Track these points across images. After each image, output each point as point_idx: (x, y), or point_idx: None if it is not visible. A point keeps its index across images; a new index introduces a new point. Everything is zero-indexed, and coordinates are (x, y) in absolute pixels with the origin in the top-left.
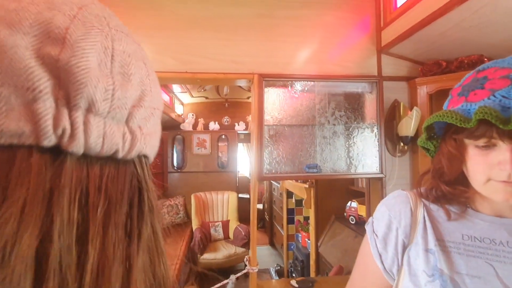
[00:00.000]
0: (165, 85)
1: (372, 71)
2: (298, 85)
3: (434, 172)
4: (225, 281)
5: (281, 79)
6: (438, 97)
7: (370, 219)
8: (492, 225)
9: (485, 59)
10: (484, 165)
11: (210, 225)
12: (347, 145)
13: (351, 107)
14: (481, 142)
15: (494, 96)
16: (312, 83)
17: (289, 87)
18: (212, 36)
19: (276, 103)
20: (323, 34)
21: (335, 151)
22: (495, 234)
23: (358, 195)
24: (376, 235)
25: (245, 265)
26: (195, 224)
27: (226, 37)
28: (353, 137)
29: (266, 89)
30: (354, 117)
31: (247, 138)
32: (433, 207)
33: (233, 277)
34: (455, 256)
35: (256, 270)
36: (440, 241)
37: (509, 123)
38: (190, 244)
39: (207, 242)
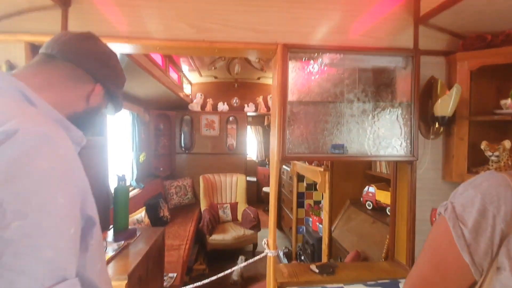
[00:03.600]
0: (174, 63)
1: (407, 44)
2: (325, 58)
3: None
4: (241, 265)
5: (307, 50)
6: (480, 75)
7: (447, 205)
8: None
9: None
10: None
11: (219, 206)
12: (376, 125)
13: (382, 84)
14: None
15: None
16: (341, 56)
17: (314, 60)
18: (231, 1)
19: (299, 78)
20: (353, 1)
21: (362, 131)
22: None
23: (375, 180)
24: (463, 223)
25: (255, 247)
26: (203, 205)
27: (246, 3)
28: (383, 116)
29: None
30: (385, 95)
31: (255, 121)
32: None
33: (242, 258)
34: None
35: (276, 254)
36: None
37: None
38: (198, 225)
39: (216, 223)
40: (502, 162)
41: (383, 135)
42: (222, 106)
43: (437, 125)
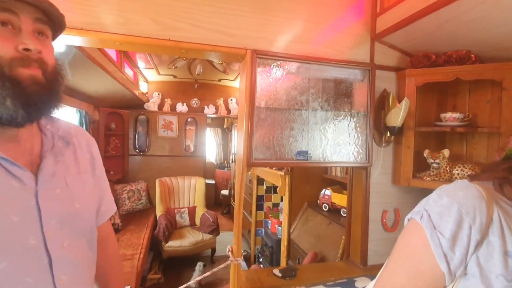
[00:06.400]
0: (129, 58)
1: (365, 58)
2: (292, 66)
3: None
4: (205, 274)
5: (275, 58)
6: (424, 90)
7: (421, 212)
8: None
9: (472, 55)
10: None
11: (176, 211)
12: (336, 133)
13: (343, 94)
14: None
15: None
16: (307, 65)
17: (281, 67)
18: (200, 0)
19: (267, 85)
20: (319, 14)
21: (324, 138)
22: None
23: (331, 183)
24: (441, 232)
25: (213, 252)
26: (159, 211)
27: (217, 4)
28: (343, 125)
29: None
30: (345, 105)
31: (214, 123)
32: (503, 203)
33: (200, 265)
34: None
35: (241, 261)
36: None
37: None
38: (153, 232)
39: (172, 229)
40: (442, 168)
41: (343, 143)
42: (181, 107)
43: (388, 134)
